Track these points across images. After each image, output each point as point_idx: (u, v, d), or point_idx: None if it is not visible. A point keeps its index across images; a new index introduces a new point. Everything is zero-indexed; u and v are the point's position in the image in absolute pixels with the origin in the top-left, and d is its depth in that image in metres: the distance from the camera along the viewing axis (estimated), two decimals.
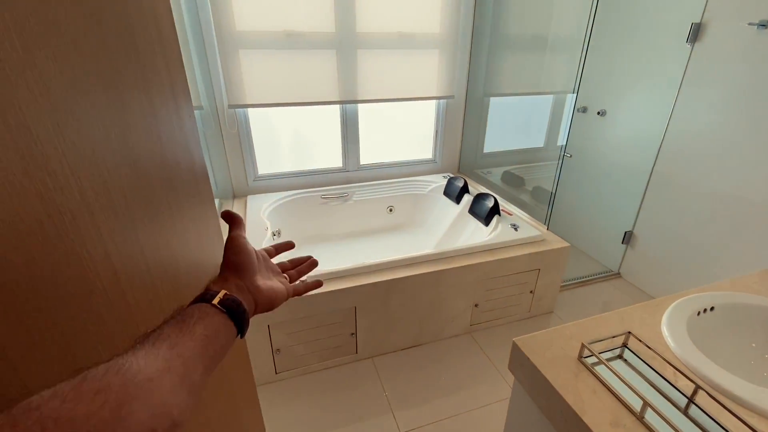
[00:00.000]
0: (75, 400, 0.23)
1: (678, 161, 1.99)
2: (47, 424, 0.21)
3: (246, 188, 2.35)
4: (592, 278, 2.37)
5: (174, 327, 0.33)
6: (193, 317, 0.35)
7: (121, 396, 0.25)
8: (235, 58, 2.00)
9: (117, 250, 0.40)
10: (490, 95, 2.55)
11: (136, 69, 0.45)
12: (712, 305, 0.84)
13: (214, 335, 0.35)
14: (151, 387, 0.27)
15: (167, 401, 0.27)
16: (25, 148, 0.29)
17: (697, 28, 1.80)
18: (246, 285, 0.44)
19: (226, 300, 0.39)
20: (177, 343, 0.31)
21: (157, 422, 0.26)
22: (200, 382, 0.32)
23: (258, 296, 0.45)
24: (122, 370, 0.26)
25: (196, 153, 0.60)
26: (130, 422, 0.24)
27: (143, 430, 0.25)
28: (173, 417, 0.28)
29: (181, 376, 0.30)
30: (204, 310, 0.36)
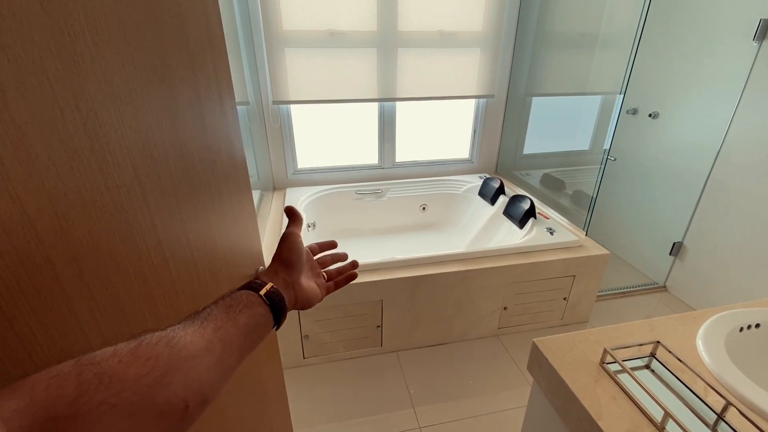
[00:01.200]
0: (129, 362, 0.26)
1: (738, 168, 1.84)
2: (104, 379, 0.24)
3: (286, 181, 2.45)
4: (634, 290, 2.25)
5: (222, 310, 0.36)
6: (240, 304, 0.37)
7: (166, 366, 0.28)
8: (281, 56, 2.09)
9: (162, 223, 0.45)
10: (532, 95, 2.48)
11: (186, 64, 0.50)
12: (758, 322, 0.79)
13: (254, 325, 0.38)
14: (191, 363, 0.30)
15: (202, 378, 0.30)
16: (91, 129, 0.34)
17: (767, 24, 1.66)
18: (291, 281, 0.47)
19: (272, 293, 0.41)
20: (221, 327, 0.34)
21: (190, 395, 0.29)
22: (232, 367, 0.35)
23: (299, 295, 0.47)
24: (171, 342, 0.29)
25: (237, 143, 0.65)
26: (168, 391, 0.27)
27: (179, 400, 0.28)
28: (205, 394, 0.30)
29: (218, 358, 0.32)
30: (250, 298, 0.39)
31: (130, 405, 0.25)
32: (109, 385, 0.24)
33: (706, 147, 1.97)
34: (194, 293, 0.53)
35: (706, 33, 1.93)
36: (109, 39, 0.36)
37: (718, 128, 1.90)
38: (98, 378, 0.24)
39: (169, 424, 0.28)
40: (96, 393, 0.24)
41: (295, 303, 0.47)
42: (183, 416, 0.28)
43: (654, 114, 2.25)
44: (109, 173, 0.36)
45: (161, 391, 0.27)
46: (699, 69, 1.98)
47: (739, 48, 1.77)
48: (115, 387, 0.25)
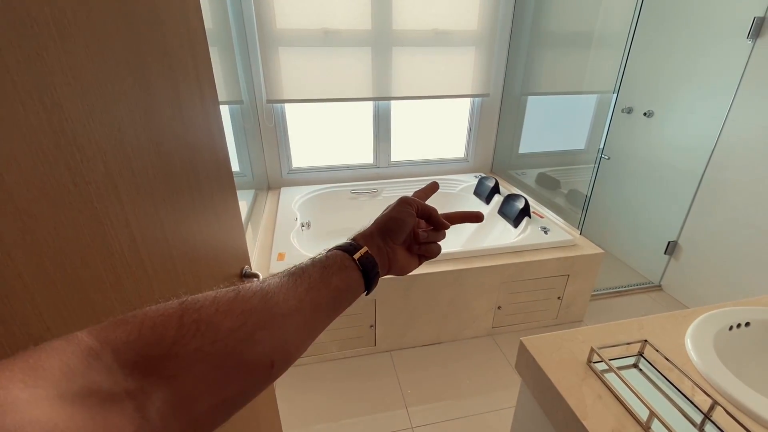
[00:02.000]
0: (225, 312, 0.27)
1: (733, 167, 1.84)
2: (201, 326, 0.25)
3: (280, 180, 2.45)
4: (629, 289, 2.25)
5: (317, 270, 0.35)
6: (335, 265, 0.36)
7: (258, 322, 0.28)
8: (274, 55, 2.08)
9: (137, 220, 0.44)
10: (527, 94, 2.48)
11: (162, 60, 0.49)
12: (747, 321, 0.79)
13: (345, 289, 0.37)
14: (282, 322, 0.30)
15: (289, 339, 0.30)
16: (57, 123, 0.34)
17: (761, 22, 1.66)
18: (387, 249, 0.44)
19: (366, 258, 0.39)
20: (314, 287, 0.33)
21: (276, 354, 0.29)
22: (319, 330, 0.34)
23: (392, 265, 0.45)
24: (266, 297, 0.29)
25: (220, 141, 0.65)
26: (257, 348, 0.27)
27: (265, 358, 0.28)
28: (290, 353, 0.30)
29: (307, 319, 0.32)
30: (345, 261, 0.38)
31: (221, 356, 0.26)
32: (205, 333, 0.25)
33: (700, 146, 1.97)
34: (173, 291, 0.52)
35: (699, 32, 1.93)
36: (76, 32, 0.36)
37: (712, 127, 1.90)
38: (197, 324, 0.25)
39: (255, 379, 0.28)
40: (193, 339, 0.24)
41: (389, 270, 0.45)
42: (268, 373, 0.29)
43: (649, 113, 2.25)
44: (77, 169, 0.36)
45: (251, 347, 0.27)
46: (693, 68, 1.98)
47: (733, 46, 1.77)
48: (210, 336, 0.25)
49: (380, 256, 0.42)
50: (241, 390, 0.27)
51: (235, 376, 0.27)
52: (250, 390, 0.28)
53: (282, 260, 1.63)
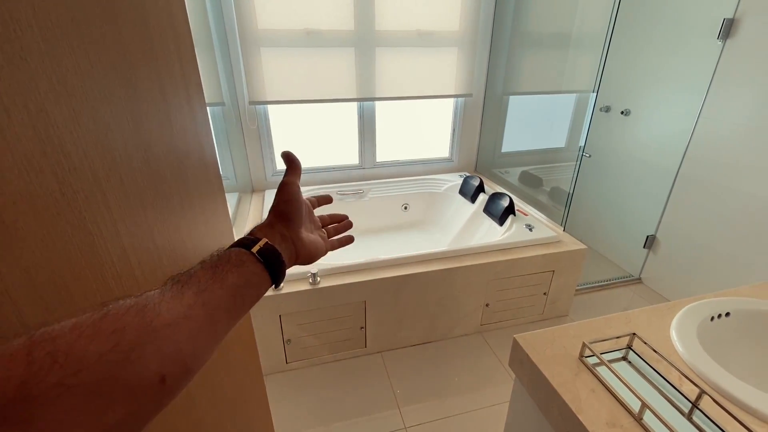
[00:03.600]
0: (90, 336, 0.23)
1: (706, 164, 1.92)
2: (58, 358, 0.22)
3: (264, 183, 2.41)
4: (611, 283, 2.31)
5: (207, 271, 0.33)
6: (228, 263, 0.34)
7: (135, 339, 0.25)
8: (256, 55, 2.05)
9: (126, 229, 0.43)
10: (509, 94, 2.52)
11: (150, 62, 0.48)
12: (727, 311, 0.82)
13: (245, 285, 0.35)
14: (167, 333, 0.27)
15: (182, 349, 0.28)
16: (43, 130, 0.32)
17: (730, 23, 1.73)
18: (291, 235, 0.43)
19: (266, 249, 0.38)
20: (205, 289, 0.31)
21: (167, 368, 0.26)
22: (222, 332, 0.32)
23: (300, 249, 0.44)
24: (143, 311, 0.26)
25: (207, 145, 0.63)
26: (138, 366, 0.25)
27: (151, 374, 0.25)
28: (186, 364, 0.28)
29: (201, 324, 0.30)
30: (241, 257, 0.36)
31: (91, 385, 0.23)
32: (65, 365, 0.22)
33: (675, 143, 2.04)
34: None
35: (673, 32, 2.00)
36: (61, 34, 0.34)
37: (686, 125, 1.97)
38: (52, 357, 0.22)
39: (144, 400, 0.25)
40: (49, 374, 0.21)
41: (297, 258, 0.44)
42: (160, 390, 0.26)
43: (626, 111, 2.31)
44: (65, 178, 0.34)
45: (129, 367, 0.24)
46: (667, 67, 2.05)
47: (705, 47, 1.84)
48: (72, 366, 0.22)
49: (285, 244, 0.41)
50: (127, 414, 0.24)
51: (115, 401, 0.24)
52: (141, 411, 0.26)
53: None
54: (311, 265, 1.59)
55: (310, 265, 0.50)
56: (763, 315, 0.81)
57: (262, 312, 1.52)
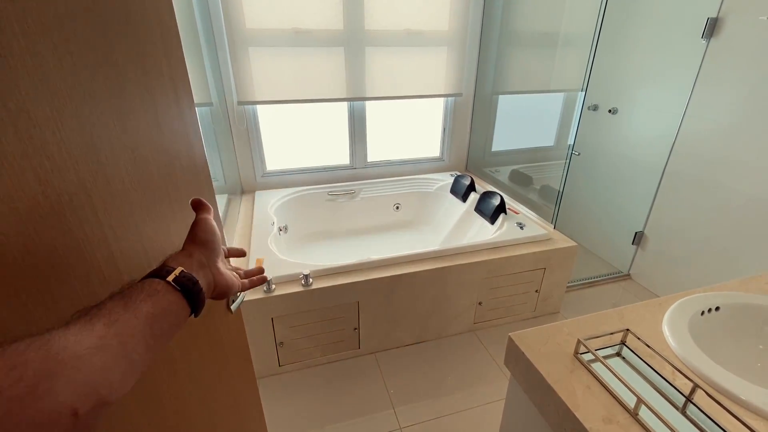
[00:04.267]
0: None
1: (691, 161, 1.95)
2: None
3: (254, 184, 2.38)
4: (600, 279, 2.34)
5: (117, 302, 0.32)
6: (142, 293, 0.34)
7: (40, 373, 0.24)
8: (244, 55, 2.03)
9: (113, 232, 0.41)
10: (498, 93, 2.53)
11: (136, 61, 0.46)
12: (717, 305, 0.83)
13: (162, 314, 0.34)
14: (77, 365, 0.26)
15: (95, 380, 0.27)
16: (24, 131, 0.31)
17: (714, 23, 1.76)
18: (209, 264, 0.43)
19: (183, 278, 0.37)
20: (117, 320, 0.30)
21: (80, 401, 0.25)
22: (141, 362, 0.31)
23: (218, 279, 0.43)
24: (46, 345, 0.25)
25: (197, 145, 0.62)
26: (47, 400, 0.24)
27: (63, 408, 0.25)
28: (101, 395, 0.27)
29: (116, 354, 0.29)
30: (154, 286, 0.35)
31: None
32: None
33: (661, 140, 2.07)
34: None
35: (658, 32, 2.04)
36: (43, 32, 0.33)
37: (672, 122, 2.01)
38: None
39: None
40: None
41: (214, 288, 0.43)
42: (73, 424, 0.25)
43: (613, 110, 2.34)
44: (48, 180, 0.33)
45: (35, 402, 0.23)
46: (653, 66, 2.09)
47: (690, 46, 1.87)
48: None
49: (203, 272, 0.41)
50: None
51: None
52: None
53: (260, 265, 1.58)
54: (303, 267, 1.58)
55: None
56: (751, 308, 0.82)
57: (254, 315, 1.50)
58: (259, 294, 1.49)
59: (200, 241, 0.44)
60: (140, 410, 0.46)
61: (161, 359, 0.51)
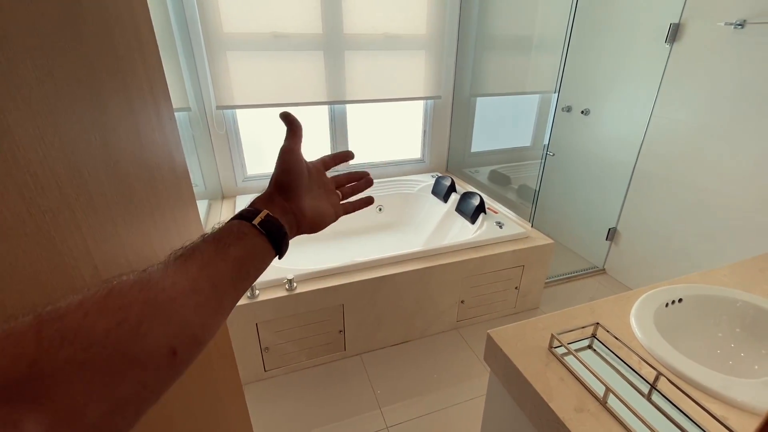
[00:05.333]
0: (97, 313, 0.24)
1: (659, 159, 2.05)
2: (67, 335, 0.22)
3: (235, 189, 2.36)
4: (577, 274, 2.42)
5: (210, 244, 0.33)
6: (231, 236, 0.35)
7: (142, 314, 0.25)
8: (222, 59, 2.01)
9: (97, 246, 0.42)
10: (476, 95, 2.59)
11: (115, 74, 0.47)
12: (680, 297, 0.88)
13: (249, 257, 0.35)
14: (174, 306, 0.27)
15: (190, 321, 0.28)
16: (7, 150, 0.31)
17: (676, 28, 1.86)
18: (291, 207, 0.43)
19: (267, 221, 0.38)
20: (209, 263, 0.31)
21: (177, 341, 0.27)
22: (229, 303, 0.33)
23: (302, 219, 0.44)
24: (148, 286, 0.27)
25: (177, 154, 0.62)
26: (147, 340, 0.25)
27: (161, 347, 0.26)
28: (196, 336, 0.29)
29: (208, 296, 0.30)
30: (242, 229, 0.36)
31: (102, 360, 0.23)
32: (74, 341, 0.22)
33: (631, 140, 2.17)
34: None
35: (625, 36, 2.13)
36: (21, 48, 0.33)
37: (640, 123, 2.10)
38: (61, 334, 0.22)
39: (156, 373, 0.26)
40: (60, 351, 0.22)
41: (299, 228, 0.44)
42: (171, 363, 0.27)
43: (585, 111, 2.43)
44: (32, 198, 0.33)
45: (139, 341, 0.25)
46: (622, 69, 2.18)
47: (654, 50, 1.96)
48: (81, 343, 0.23)
49: (286, 215, 0.42)
50: (140, 386, 0.25)
51: (126, 374, 0.24)
52: (154, 383, 0.26)
53: None
54: (287, 272, 1.58)
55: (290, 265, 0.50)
56: (711, 299, 0.88)
57: (238, 321, 1.49)
58: (243, 300, 1.48)
59: (281, 183, 0.43)
60: None
61: None
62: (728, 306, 0.87)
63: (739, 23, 1.62)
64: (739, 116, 1.69)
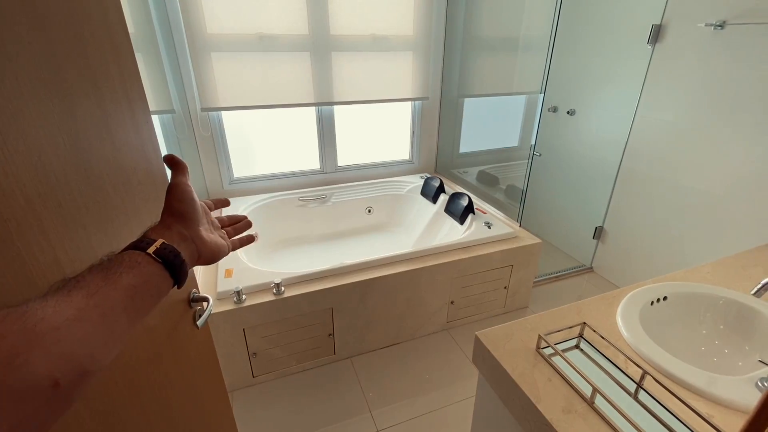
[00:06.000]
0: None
1: (643, 158, 2.08)
2: None
3: (221, 192, 2.33)
4: (565, 273, 2.44)
5: (97, 274, 0.32)
6: (122, 265, 0.33)
7: (17, 344, 0.24)
8: (207, 61, 1.98)
9: (66, 256, 0.40)
10: (464, 96, 2.60)
11: (86, 76, 0.45)
12: (665, 295, 0.89)
13: (143, 286, 0.34)
14: (56, 336, 0.26)
15: (75, 351, 0.27)
16: None
17: (658, 29, 1.89)
18: (190, 235, 0.42)
19: (163, 249, 0.37)
20: (97, 292, 0.30)
21: (60, 372, 0.26)
22: (122, 332, 0.32)
23: (202, 247, 0.43)
24: (24, 317, 0.25)
25: (155, 158, 0.60)
26: (24, 371, 0.24)
27: (42, 379, 0.25)
28: (82, 365, 0.27)
29: (96, 325, 0.29)
30: (135, 258, 0.35)
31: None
32: None
33: (615, 140, 2.19)
34: None
35: (609, 37, 2.15)
36: None
37: (625, 123, 2.13)
38: None
39: (37, 406, 0.25)
40: None
41: (199, 257, 0.43)
42: (54, 395, 0.26)
43: (571, 111, 2.46)
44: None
45: (14, 373, 0.24)
46: (606, 69, 2.21)
47: (637, 50, 1.99)
48: None
49: (185, 243, 0.41)
50: (19, 420, 0.24)
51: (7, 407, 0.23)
52: (36, 416, 0.25)
53: (230, 277, 1.55)
54: (275, 275, 1.56)
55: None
56: (694, 297, 0.89)
57: (225, 326, 1.47)
58: (229, 305, 1.46)
59: (178, 212, 0.42)
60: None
61: (122, 382, 0.50)
62: (711, 303, 0.88)
63: (719, 24, 1.66)
64: (719, 115, 1.72)
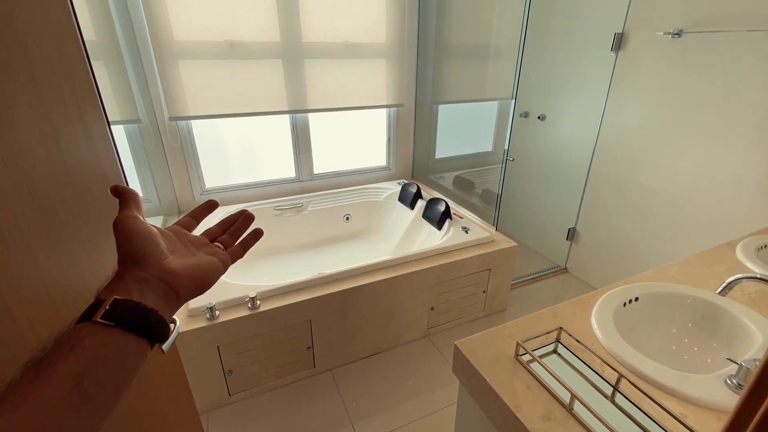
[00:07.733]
0: None
1: (611, 161, 2.15)
2: None
3: (192, 203, 2.26)
4: (541, 274, 2.49)
5: (28, 373, 0.26)
6: (58, 350, 0.28)
7: None
8: (174, 69, 1.92)
9: (9, 284, 0.37)
10: (438, 102, 2.62)
11: (29, 91, 0.42)
12: (636, 296, 0.91)
13: (92, 368, 0.28)
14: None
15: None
16: None
17: (620, 37, 1.97)
18: (153, 274, 0.35)
19: (116, 308, 0.30)
20: (24, 400, 0.25)
21: None
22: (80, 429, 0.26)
23: (176, 282, 0.35)
24: None
25: (112, 173, 0.57)
26: None
27: None
28: None
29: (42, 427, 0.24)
30: (78, 334, 0.28)
31: None
32: None
33: (584, 144, 2.26)
34: None
35: (576, 44, 2.23)
36: None
37: (592, 127, 2.20)
38: None
39: None
40: None
41: (177, 293, 0.36)
42: None
43: (542, 116, 2.52)
44: None
45: None
46: (574, 76, 2.28)
47: (602, 57, 2.07)
48: None
49: (148, 285, 0.34)
50: None
51: None
52: None
53: None
54: (249, 289, 1.51)
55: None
56: (664, 296, 0.92)
57: (197, 345, 1.41)
58: (202, 322, 1.40)
59: (127, 255, 0.35)
60: None
61: None
62: (680, 302, 0.91)
63: (676, 33, 1.74)
64: (679, 120, 1.80)
